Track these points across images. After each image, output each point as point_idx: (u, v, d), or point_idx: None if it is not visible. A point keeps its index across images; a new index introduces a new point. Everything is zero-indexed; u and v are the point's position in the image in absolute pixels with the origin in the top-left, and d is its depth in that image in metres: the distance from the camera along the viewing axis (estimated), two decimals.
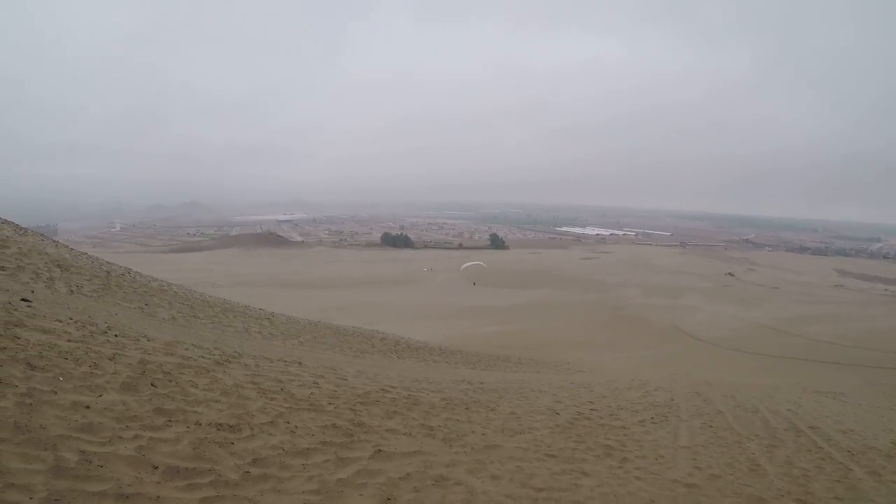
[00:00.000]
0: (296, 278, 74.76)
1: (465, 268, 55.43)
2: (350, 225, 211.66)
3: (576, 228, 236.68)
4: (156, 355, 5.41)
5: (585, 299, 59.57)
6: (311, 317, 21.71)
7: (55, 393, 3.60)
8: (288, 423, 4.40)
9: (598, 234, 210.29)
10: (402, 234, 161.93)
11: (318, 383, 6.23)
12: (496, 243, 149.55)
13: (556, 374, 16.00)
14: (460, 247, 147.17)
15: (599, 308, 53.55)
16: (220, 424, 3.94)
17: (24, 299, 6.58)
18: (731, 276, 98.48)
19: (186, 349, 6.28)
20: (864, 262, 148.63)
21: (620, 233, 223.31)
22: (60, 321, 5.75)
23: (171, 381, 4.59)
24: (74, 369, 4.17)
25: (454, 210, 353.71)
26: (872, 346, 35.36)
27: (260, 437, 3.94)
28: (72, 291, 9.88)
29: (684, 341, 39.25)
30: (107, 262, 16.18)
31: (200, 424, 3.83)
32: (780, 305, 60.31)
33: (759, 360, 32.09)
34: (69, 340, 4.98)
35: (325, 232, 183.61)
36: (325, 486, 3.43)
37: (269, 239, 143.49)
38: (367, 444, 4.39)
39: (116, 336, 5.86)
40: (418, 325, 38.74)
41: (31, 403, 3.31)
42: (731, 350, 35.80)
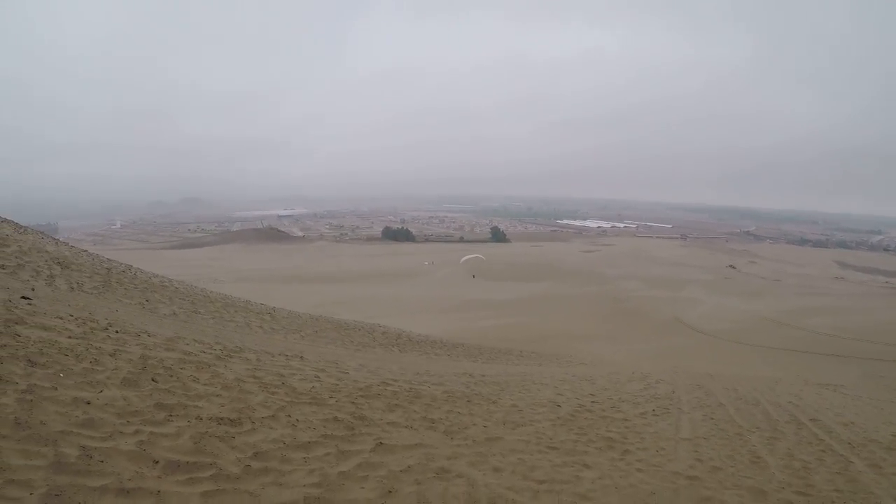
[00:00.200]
0: (297, 273, 74.79)
1: (464, 261, 55.68)
2: (351, 219, 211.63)
3: (577, 221, 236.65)
4: (157, 351, 5.41)
5: (587, 292, 59.56)
6: (312, 311, 21.75)
7: (56, 389, 3.59)
8: (289, 416, 4.41)
9: (598, 227, 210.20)
10: (403, 227, 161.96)
11: (319, 377, 6.23)
12: (497, 236, 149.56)
13: (557, 367, 16.01)
14: (461, 240, 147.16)
15: (601, 301, 53.55)
16: (221, 419, 3.94)
17: (24, 297, 6.58)
18: (733, 268, 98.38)
19: (187, 344, 6.28)
20: (865, 254, 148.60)
21: (621, 225, 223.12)
22: (61, 318, 5.75)
23: (171, 377, 4.59)
24: (75, 365, 4.16)
25: (455, 203, 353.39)
26: (873, 339, 35.37)
27: (261, 430, 3.94)
28: (72, 289, 9.88)
29: (685, 334, 39.27)
30: (107, 259, 16.19)
31: (201, 419, 3.84)
32: (781, 298, 60.32)
33: (760, 353, 32.12)
34: (70, 337, 4.98)
35: (326, 226, 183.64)
36: (326, 479, 3.43)
37: (270, 234, 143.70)
38: (369, 437, 4.39)
39: (117, 332, 5.86)
40: (420, 318, 38.78)
41: (31, 400, 3.31)
42: (732, 342, 35.82)
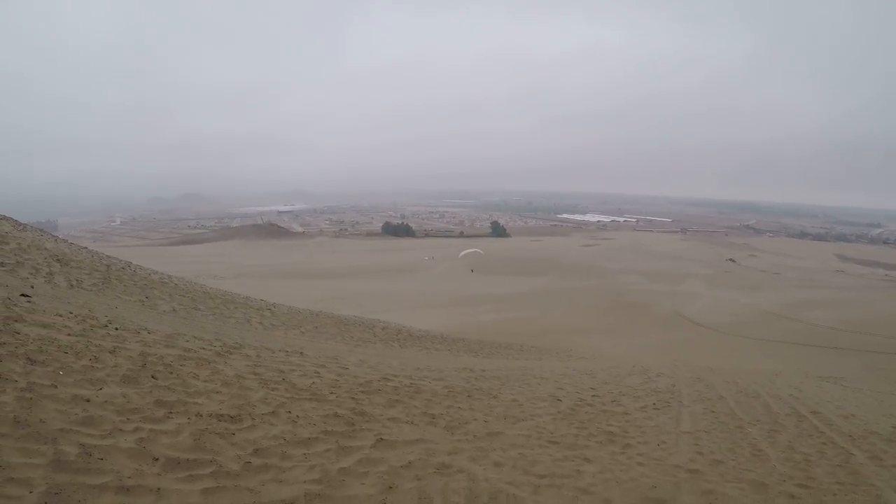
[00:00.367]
0: (297, 269, 74.78)
1: (463, 255, 55.95)
2: (351, 215, 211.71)
3: (576, 215, 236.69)
4: (156, 348, 5.40)
5: (587, 286, 59.55)
6: (312, 307, 21.75)
7: (55, 387, 3.58)
8: (289, 412, 4.40)
9: (598, 221, 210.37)
10: (403, 223, 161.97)
11: (319, 373, 6.22)
12: (497, 231, 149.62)
13: (558, 361, 16.02)
14: (461, 235, 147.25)
15: (601, 295, 53.55)
16: (221, 415, 3.93)
17: (23, 294, 6.57)
18: (733, 261, 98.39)
19: (187, 341, 6.27)
20: (865, 247, 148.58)
21: (621, 219, 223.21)
22: (60, 315, 5.73)
23: (171, 373, 4.57)
24: (74, 363, 4.15)
25: (455, 198, 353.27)
26: (873, 331, 35.39)
27: (261, 427, 3.94)
28: (72, 286, 9.87)
29: (686, 327, 39.29)
30: (107, 256, 16.17)
31: (201, 416, 3.83)
32: (781, 291, 60.30)
33: (760, 346, 32.17)
34: (69, 334, 4.97)
35: (326, 222, 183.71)
36: (326, 476, 3.42)
37: (270, 230, 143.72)
38: (369, 433, 4.39)
39: (117, 329, 5.84)
40: (420, 313, 38.80)
41: (30, 398, 3.30)
42: (732, 336, 35.84)
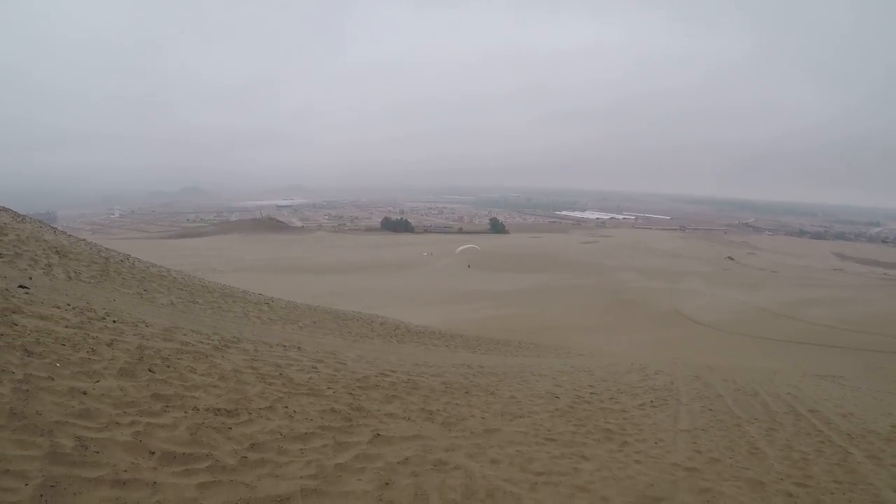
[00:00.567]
0: (295, 263, 74.77)
1: (459, 251, 56.33)
2: (350, 210, 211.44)
3: (575, 212, 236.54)
4: (154, 341, 5.38)
5: (585, 283, 59.60)
6: (310, 301, 21.73)
7: (52, 379, 3.57)
8: (286, 407, 4.38)
9: (597, 218, 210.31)
10: (402, 218, 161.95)
11: (317, 368, 6.20)
12: (496, 227, 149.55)
13: (556, 358, 16.04)
14: (460, 231, 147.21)
15: (599, 292, 53.60)
16: (218, 409, 3.92)
17: (21, 286, 6.56)
18: (731, 259, 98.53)
19: (185, 334, 6.25)
20: (864, 246, 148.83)
21: (620, 217, 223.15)
22: (58, 307, 5.72)
23: (169, 367, 4.56)
24: (72, 355, 4.14)
25: (454, 194, 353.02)
26: (872, 330, 35.46)
27: (258, 421, 3.92)
28: (70, 278, 9.85)
29: (684, 325, 39.36)
30: (105, 248, 16.14)
31: (198, 410, 3.81)
32: (779, 289, 60.40)
33: (758, 344, 32.23)
34: (67, 326, 4.96)
35: (325, 217, 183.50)
36: (323, 471, 3.41)
37: (269, 224, 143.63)
38: (366, 429, 4.38)
39: (114, 322, 5.83)
40: (418, 309, 38.83)
41: (27, 390, 3.29)
42: (731, 334, 35.91)
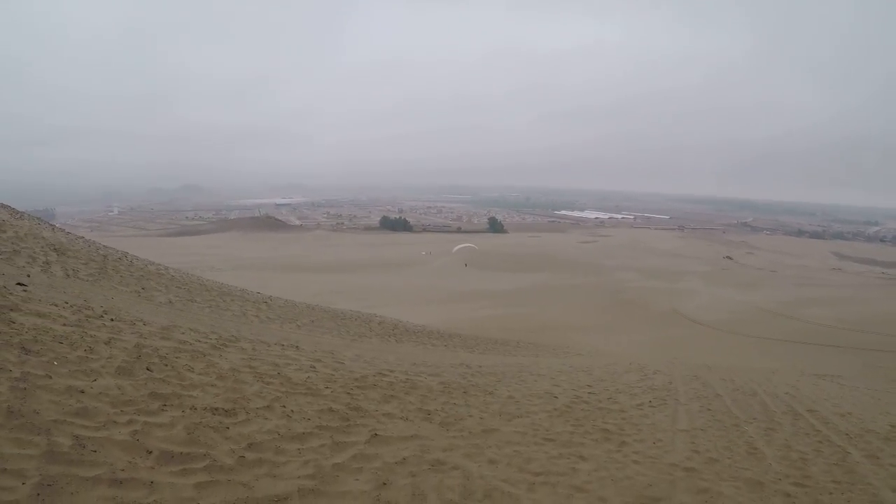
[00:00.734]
0: (294, 262, 74.73)
1: (457, 250, 56.62)
2: (349, 209, 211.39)
3: (574, 212, 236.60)
4: (152, 339, 5.37)
5: (584, 283, 59.65)
6: (309, 300, 21.73)
7: (50, 377, 3.56)
8: (284, 407, 4.37)
9: (596, 218, 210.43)
10: (401, 217, 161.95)
11: (315, 367, 6.19)
12: (495, 227, 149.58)
13: (554, 358, 16.04)
14: (459, 230, 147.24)
15: (598, 291, 53.65)
16: (216, 409, 3.91)
17: (19, 283, 6.54)
18: (730, 259, 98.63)
19: (183, 333, 6.24)
20: (862, 245, 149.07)
21: (619, 216, 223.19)
22: (56, 305, 5.70)
23: (166, 366, 4.55)
24: (69, 353, 4.13)
25: (453, 194, 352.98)
26: (870, 329, 35.54)
27: (255, 421, 3.92)
28: (68, 275, 9.84)
29: (683, 325, 39.41)
30: (104, 245, 16.13)
31: (196, 409, 3.80)
32: (778, 289, 60.49)
33: (757, 344, 32.28)
34: (64, 324, 4.94)
35: (324, 215, 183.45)
36: (320, 471, 3.41)
37: (268, 222, 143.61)
38: (364, 429, 4.37)
39: (112, 320, 5.82)
40: (417, 308, 38.83)
41: (25, 388, 3.28)
42: (729, 333, 35.96)
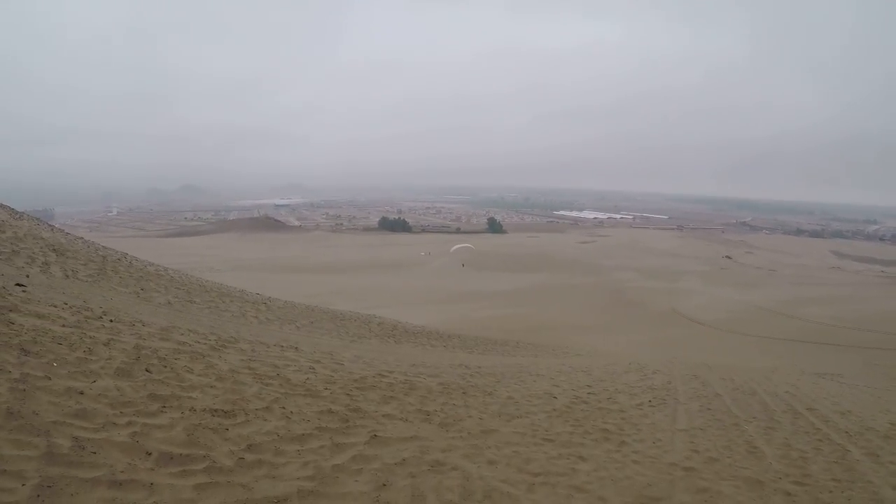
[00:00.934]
0: (293, 263, 74.74)
1: (454, 250, 56.98)
2: (348, 209, 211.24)
3: (573, 212, 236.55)
4: (151, 340, 5.37)
5: (584, 283, 59.71)
6: (308, 301, 21.71)
7: (49, 378, 3.55)
8: (283, 408, 4.37)
9: (595, 218, 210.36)
10: (400, 218, 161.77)
11: (314, 368, 6.19)
12: (494, 227, 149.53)
13: (554, 358, 16.04)
14: (458, 231, 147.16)
15: (598, 291, 53.71)
16: (215, 410, 3.91)
17: (18, 284, 6.53)
18: (729, 258, 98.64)
19: (182, 334, 6.24)
20: (861, 244, 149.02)
21: (618, 216, 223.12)
22: (55, 306, 5.70)
23: (166, 367, 4.55)
24: (69, 355, 4.12)
25: (452, 194, 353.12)
26: (870, 328, 35.60)
27: (255, 422, 3.91)
28: (67, 276, 9.83)
29: (682, 324, 39.45)
30: (103, 246, 16.12)
31: (195, 410, 3.80)
32: (777, 288, 60.60)
33: (756, 343, 32.32)
34: (64, 325, 4.94)
35: (323, 216, 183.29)
36: (320, 472, 3.41)
37: (267, 223, 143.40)
38: (363, 430, 4.37)
39: (111, 321, 5.81)
40: (416, 309, 38.85)
41: (24, 389, 3.27)
42: (728, 332, 36.02)
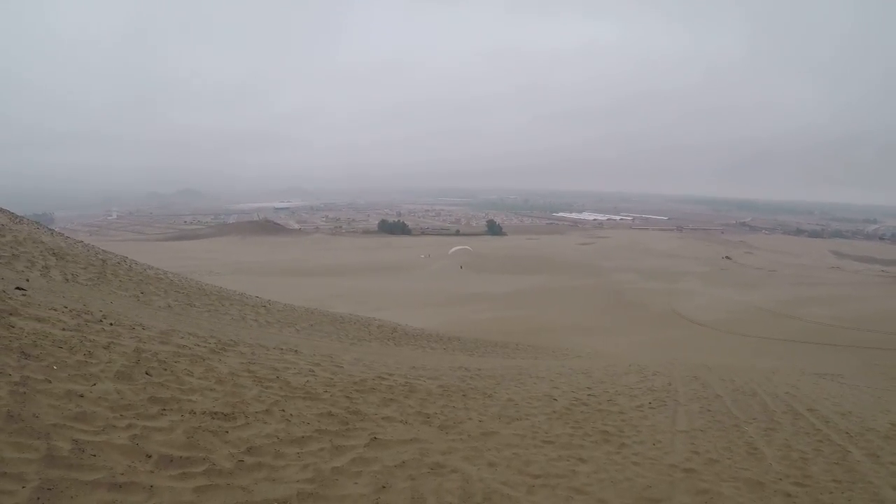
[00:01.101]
0: (293, 266, 74.72)
1: (452, 252, 57.18)
2: (347, 212, 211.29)
3: (573, 214, 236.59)
4: (151, 344, 5.37)
5: (583, 284, 59.69)
6: (308, 304, 21.71)
7: (49, 382, 3.56)
8: (283, 411, 4.38)
9: (595, 220, 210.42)
10: (399, 221, 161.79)
11: (314, 371, 6.20)
12: (493, 229, 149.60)
13: (553, 360, 16.03)
14: (458, 233, 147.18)
15: (597, 293, 53.68)
16: (215, 413, 3.92)
17: (18, 287, 6.53)
18: (729, 259, 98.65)
19: (182, 337, 6.24)
20: (861, 243, 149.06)
21: (617, 218, 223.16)
22: (55, 310, 5.70)
23: (165, 370, 4.56)
24: (69, 358, 4.13)
25: (452, 196, 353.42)
26: (870, 328, 35.51)
27: (255, 425, 3.92)
28: (67, 280, 9.83)
29: (682, 325, 39.40)
30: (103, 250, 16.13)
31: (195, 413, 3.81)
32: (777, 288, 60.54)
33: (756, 343, 32.25)
34: (64, 329, 4.94)
35: (323, 219, 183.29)
36: (319, 475, 3.41)
37: (267, 227, 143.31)
38: (363, 432, 4.37)
39: (111, 325, 5.81)
40: (416, 311, 38.83)
41: (24, 392, 3.28)
42: (728, 333, 35.94)
